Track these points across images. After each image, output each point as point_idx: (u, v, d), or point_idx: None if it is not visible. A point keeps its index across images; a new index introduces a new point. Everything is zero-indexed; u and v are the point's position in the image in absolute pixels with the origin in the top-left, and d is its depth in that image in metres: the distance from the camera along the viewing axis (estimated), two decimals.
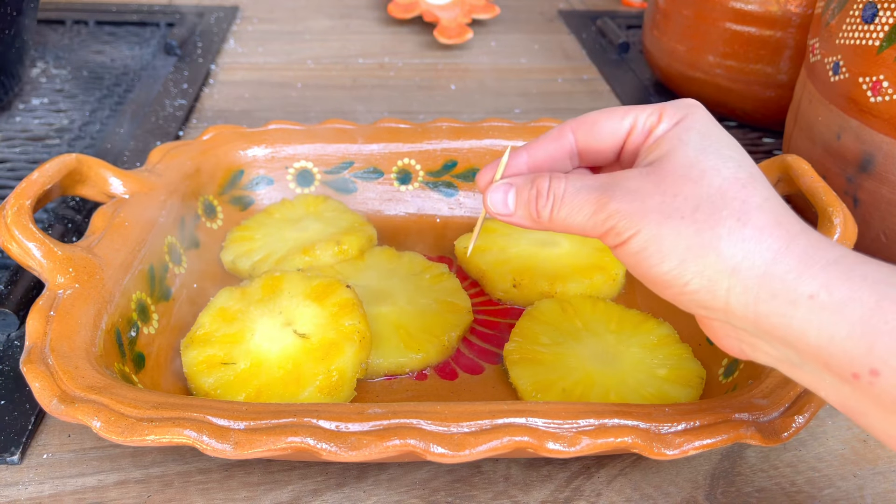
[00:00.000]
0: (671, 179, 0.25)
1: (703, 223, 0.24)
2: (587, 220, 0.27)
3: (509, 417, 0.30)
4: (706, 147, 0.26)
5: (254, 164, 0.51)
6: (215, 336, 0.39)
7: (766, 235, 0.24)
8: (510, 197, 0.29)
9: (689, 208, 0.24)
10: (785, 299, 0.23)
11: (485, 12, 0.89)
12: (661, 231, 0.25)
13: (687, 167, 0.25)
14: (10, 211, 0.35)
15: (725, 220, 0.24)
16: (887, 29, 0.41)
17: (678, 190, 0.25)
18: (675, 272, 0.25)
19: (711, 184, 0.25)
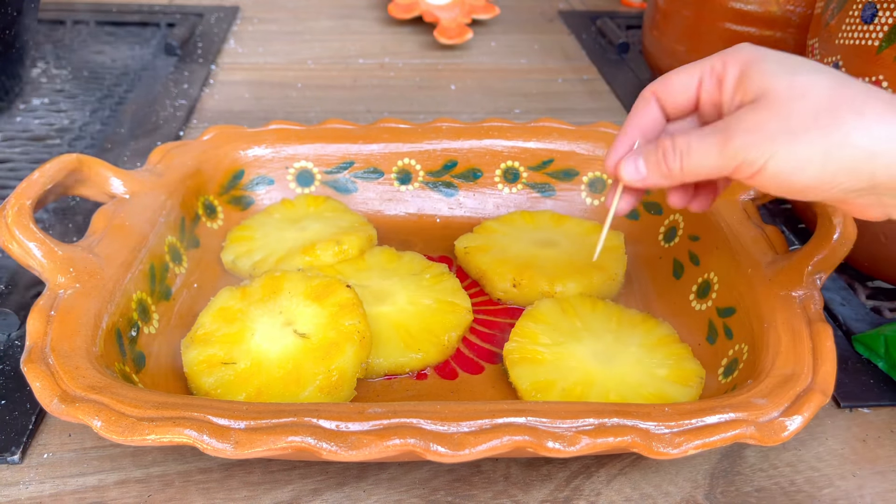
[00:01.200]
0: (780, 104, 0.28)
1: (828, 126, 0.27)
2: (717, 160, 0.29)
3: (509, 417, 0.30)
4: (791, 68, 0.28)
5: (254, 164, 0.51)
6: (216, 336, 0.39)
7: (886, 118, 0.27)
8: (640, 163, 0.32)
9: (810, 119, 0.27)
10: None
11: (485, 12, 0.89)
12: (794, 147, 0.27)
13: (788, 90, 0.28)
14: (10, 211, 0.36)
15: (846, 117, 0.27)
16: (886, 29, 0.41)
17: (791, 110, 0.27)
18: (820, 176, 0.27)
19: (818, 94, 0.27)
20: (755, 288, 0.38)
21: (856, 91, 0.27)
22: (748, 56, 0.30)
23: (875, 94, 0.27)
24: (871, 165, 0.27)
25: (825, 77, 0.28)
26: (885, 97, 0.27)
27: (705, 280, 0.43)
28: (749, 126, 0.28)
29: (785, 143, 0.27)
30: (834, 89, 0.27)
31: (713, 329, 0.41)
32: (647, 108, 0.33)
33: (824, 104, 0.27)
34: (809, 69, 0.28)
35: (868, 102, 0.27)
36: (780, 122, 0.27)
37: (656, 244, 0.49)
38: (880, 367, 0.41)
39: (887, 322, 0.44)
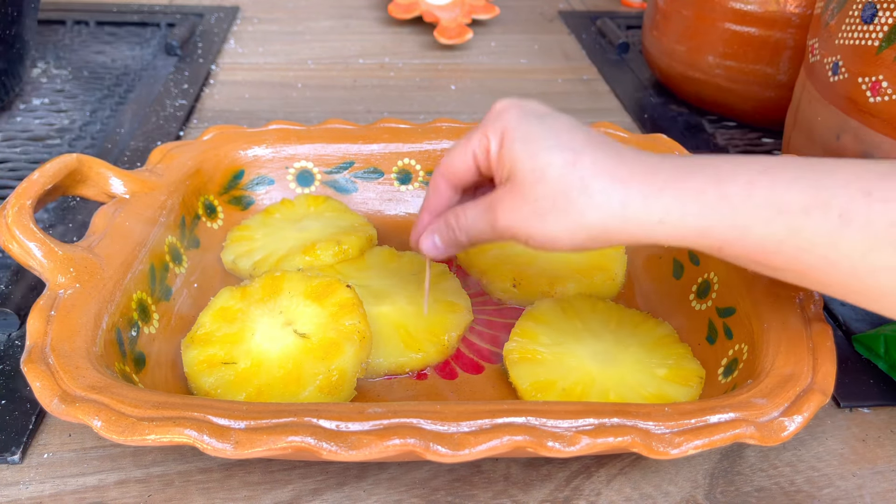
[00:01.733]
0: (526, 189, 0.31)
1: (564, 209, 0.30)
2: (488, 235, 0.34)
3: (509, 417, 0.30)
4: (533, 151, 0.31)
5: (254, 164, 0.51)
6: (216, 336, 0.39)
7: (610, 194, 0.30)
8: (436, 239, 0.37)
9: (550, 203, 0.31)
10: (646, 230, 0.30)
11: (485, 13, 0.89)
12: (544, 227, 0.31)
13: (530, 173, 0.31)
14: (10, 211, 0.36)
15: (577, 199, 0.30)
16: (886, 29, 0.41)
17: (535, 195, 0.31)
18: (572, 243, 0.31)
19: (552, 177, 0.31)
20: (755, 288, 0.38)
21: (584, 168, 0.30)
22: (503, 129, 0.33)
23: (604, 166, 0.30)
24: (606, 234, 0.31)
25: (559, 156, 0.31)
26: (610, 169, 0.30)
27: (705, 280, 0.43)
28: (507, 209, 0.32)
29: (536, 224, 0.31)
30: (565, 170, 0.30)
31: (713, 329, 0.41)
32: (436, 192, 0.37)
33: (559, 188, 0.30)
34: (549, 147, 0.31)
35: (595, 180, 0.30)
36: (529, 206, 0.31)
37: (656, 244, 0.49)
38: (880, 367, 0.41)
39: (887, 322, 0.44)
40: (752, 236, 0.29)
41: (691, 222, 0.30)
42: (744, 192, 0.29)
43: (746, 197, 0.29)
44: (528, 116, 0.33)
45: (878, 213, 0.27)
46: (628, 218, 0.30)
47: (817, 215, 0.28)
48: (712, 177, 0.29)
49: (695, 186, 0.29)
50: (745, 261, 0.30)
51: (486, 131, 0.34)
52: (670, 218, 0.30)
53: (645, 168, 0.30)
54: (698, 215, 0.29)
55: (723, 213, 0.29)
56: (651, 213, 0.30)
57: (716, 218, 0.29)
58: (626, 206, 0.30)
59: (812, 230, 0.28)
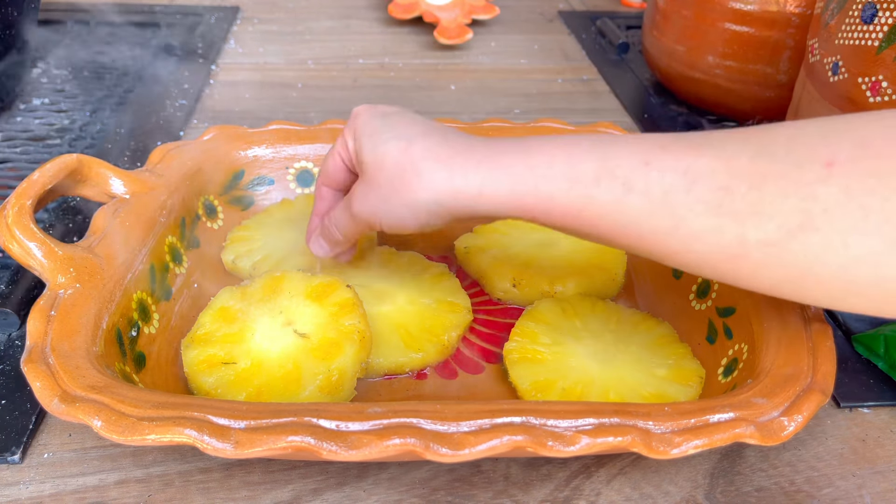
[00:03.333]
0: (371, 177, 0.35)
1: (402, 190, 0.34)
2: (353, 226, 0.38)
3: (509, 417, 0.30)
4: (375, 143, 0.35)
5: (254, 165, 0.51)
6: (216, 336, 0.39)
7: (436, 173, 0.33)
8: (321, 241, 0.41)
9: (390, 188, 0.34)
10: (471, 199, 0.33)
11: (485, 13, 0.89)
12: (389, 210, 0.35)
13: (373, 163, 0.35)
14: (10, 211, 0.36)
15: (411, 181, 0.34)
16: (886, 29, 0.41)
17: (378, 181, 0.35)
18: (417, 223, 0.35)
19: (389, 163, 0.34)
20: None
21: (415, 153, 0.34)
22: (355, 130, 0.37)
23: (431, 150, 0.34)
24: (441, 208, 0.34)
25: (394, 145, 0.34)
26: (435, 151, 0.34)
27: (705, 280, 0.43)
28: (359, 198, 0.36)
29: (383, 208, 0.35)
30: (399, 156, 0.34)
31: (713, 329, 0.41)
32: (321, 198, 0.42)
33: (396, 173, 0.34)
34: (388, 138, 0.35)
35: (423, 162, 0.33)
36: (375, 193, 0.35)
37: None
38: (880, 367, 0.41)
39: (887, 322, 0.44)
40: (557, 205, 0.32)
41: (504, 193, 0.33)
42: (545, 164, 0.32)
43: (547, 168, 0.32)
44: (375, 116, 0.37)
45: (654, 182, 0.30)
46: (455, 190, 0.33)
47: (605, 184, 0.31)
48: (521, 152, 0.33)
49: (505, 162, 0.33)
50: (559, 228, 0.33)
51: (345, 134, 0.38)
52: (487, 190, 0.33)
53: (465, 148, 0.34)
54: (510, 187, 0.32)
55: (528, 184, 0.32)
56: (470, 186, 0.33)
57: (524, 189, 0.32)
58: (451, 182, 0.33)
59: (603, 198, 0.31)
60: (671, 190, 0.30)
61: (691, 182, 0.29)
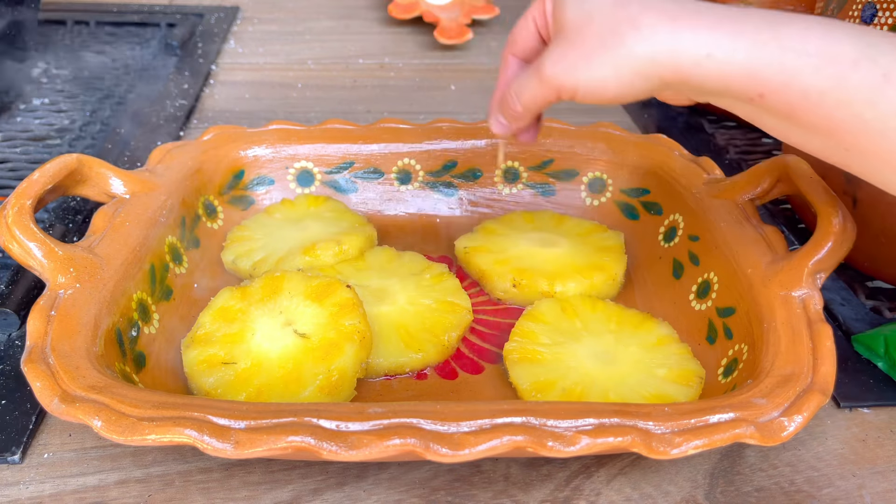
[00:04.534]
0: (574, 34, 0.32)
1: (613, 46, 0.31)
2: (541, 92, 0.34)
3: (509, 417, 0.30)
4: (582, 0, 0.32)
5: (254, 165, 0.51)
6: (216, 336, 0.39)
7: (658, 27, 0.30)
8: (500, 118, 0.39)
9: (598, 43, 0.31)
10: (693, 63, 0.30)
11: (485, 13, 0.89)
12: (591, 70, 0.32)
13: (578, 19, 0.32)
14: (10, 211, 0.36)
15: (626, 34, 0.31)
16: (886, 29, 0.41)
17: (583, 37, 0.32)
18: (619, 86, 0.32)
19: (601, 17, 0.31)
20: (755, 288, 0.38)
21: (633, 6, 0.31)
22: None
23: (653, 4, 0.31)
24: (655, 69, 0.31)
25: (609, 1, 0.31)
26: (659, 6, 0.31)
27: (705, 280, 0.43)
28: (555, 59, 0.33)
29: (584, 68, 0.32)
30: (615, 9, 0.31)
31: (713, 329, 0.41)
32: (505, 66, 0.39)
33: (608, 26, 0.31)
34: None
35: (643, 15, 0.30)
36: (576, 51, 0.32)
37: (656, 244, 0.49)
38: (880, 367, 0.41)
39: (887, 322, 0.44)
40: (798, 84, 0.29)
41: (740, 60, 0.29)
42: (798, 37, 0.29)
43: (800, 42, 0.29)
44: None
45: None
46: (677, 50, 0.30)
47: (864, 70, 0.28)
48: (767, 20, 0.30)
49: (748, 27, 0.30)
50: (781, 114, 0.30)
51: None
52: (719, 53, 0.30)
53: (698, 7, 0.31)
54: (748, 54, 0.29)
55: (773, 54, 0.29)
56: (699, 46, 0.30)
57: (765, 59, 0.29)
58: (675, 39, 0.30)
59: (856, 84, 0.28)
60: None
61: None
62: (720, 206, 0.44)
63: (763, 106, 0.30)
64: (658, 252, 0.48)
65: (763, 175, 0.44)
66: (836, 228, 0.37)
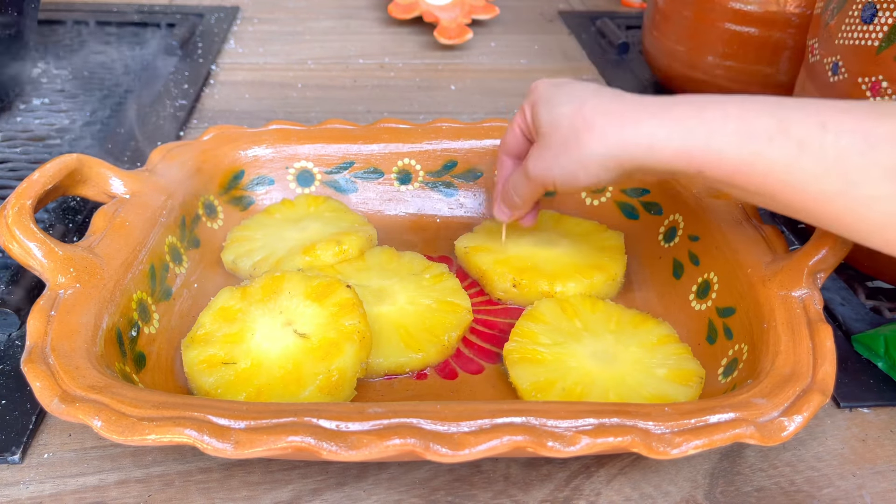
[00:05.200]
0: (546, 139, 0.38)
1: (576, 146, 0.36)
2: (529, 188, 0.40)
3: (509, 417, 0.30)
4: (550, 108, 0.38)
5: (254, 165, 0.51)
6: (216, 336, 0.39)
7: (608, 128, 0.35)
8: (503, 207, 0.45)
9: (563, 146, 0.37)
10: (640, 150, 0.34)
11: (485, 13, 0.89)
12: (563, 167, 0.37)
13: (549, 126, 0.37)
14: (10, 211, 0.36)
15: (583, 136, 0.35)
16: (886, 29, 0.41)
17: (553, 141, 0.37)
18: (588, 178, 0.37)
19: (564, 123, 0.36)
20: (755, 288, 0.38)
21: (587, 110, 0.36)
22: (533, 101, 0.39)
23: (603, 107, 0.35)
24: (613, 161, 0.35)
25: (569, 106, 0.36)
26: (607, 108, 0.35)
27: (705, 280, 0.43)
28: (534, 160, 0.39)
29: (556, 167, 0.37)
30: (573, 116, 0.36)
31: (713, 329, 0.41)
32: (502, 166, 0.44)
33: (570, 130, 0.36)
34: (564, 102, 0.37)
35: (596, 119, 0.35)
36: (549, 153, 0.37)
37: (656, 244, 0.49)
38: (880, 367, 0.41)
39: (887, 322, 0.44)
40: (727, 160, 0.33)
41: (675, 145, 0.34)
42: (719, 119, 0.33)
43: (721, 124, 0.33)
44: (550, 86, 0.39)
45: (829, 144, 0.31)
46: (625, 143, 0.34)
47: (779, 142, 0.32)
48: (694, 107, 0.34)
49: (678, 115, 0.34)
50: (724, 184, 0.34)
51: (524, 106, 0.41)
52: (658, 142, 0.34)
53: (637, 103, 0.35)
54: (680, 139, 0.33)
55: (700, 138, 0.33)
56: (641, 138, 0.34)
57: (695, 142, 0.33)
58: (622, 134, 0.34)
59: (775, 156, 0.32)
60: (846, 153, 0.30)
61: (870, 146, 0.30)
62: (720, 206, 0.44)
63: (707, 179, 0.34)
64: (658, 252, 0.48)
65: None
66: None
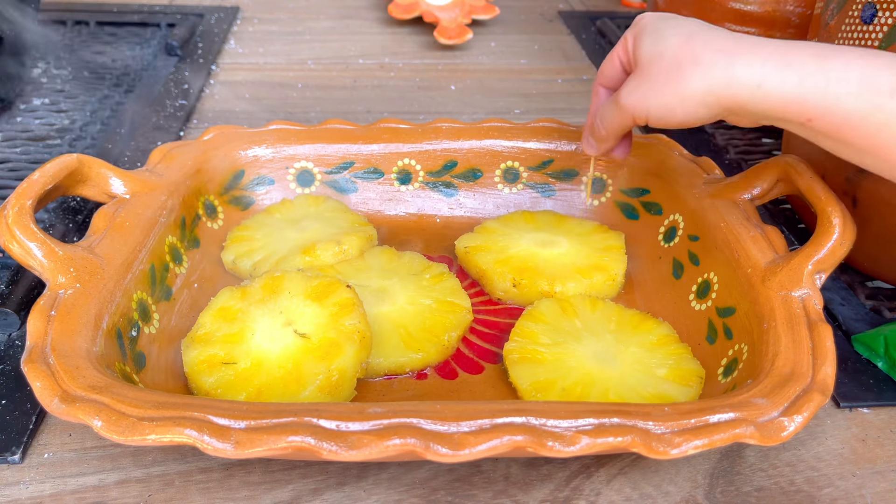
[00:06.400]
0: (646, 69, 0.37)
1: (677, 79, 0.35)
2: (620, 118, 0.40)
3: (509, 417, 0.30)
4: (656, 39, 0.37)
5: (254, 165, 0.51)
6: (216, 336, 0.39)
7: (716, 63, 0.34)
8: (590, 140, 0.44)
9: (665, 76, 0.36)
10: (747, 93, 0.34)
11: (485, 13, 0.89)
12: (659, 99, 0.36)
13: (651, 56, 0.37)
14: (11, 211, 0.36)
15: (687, 69, 0.35)
16: (886, 30, 0.41)
17: (653, 72, 0.37)
18: (685, 113, 0.36)
19: (669, 54, 0.36)
20: (755, 288, 0.38)
21: (696, 44, 0.35)
22: (637, 32, 0.39)
23: (714, 43, 0.35)
24: (715, 98, 0.35)
25: (676, 38, 0.36)
26: (718, 43, 0.35)
27: (705, 280, 0.43)
28: (630, 90, 0.38)
29: (653, 98, 0.37)
30: (680, 47, 0.35)
31: (713, 329, 0.41)
32: (595, 96, 0.44)
33: (674, 62, 0.36)
34: (669, 35, 0.36)
35: (704, 52, 0.35)
36: (648, 83, 0.37)
37: (656, 244, 0.49)
38: (880, 367, 0.41)
39: (887, 322, 0.44)
40: (841, 110, 0.32)
41: (788, 89, 0.33)
42: (840, 68, 0.32)
43: (842, 72, 0.32)
44: (658, 17, 0.39)
45: None
46: (732, 82, 0.34)
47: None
48: (813, 54, 0.33)
49: (796, 59, 0.33)
50: (828, 136, 0.34)
51: (626, 35, 0.40)
52: (769, 83, 0.33)
53: (751, 43, 0.35)
54: (796, 83, 0.33)
55: (818, 84, 0.33)
56: (752, 77, 0.33)
57: (811, 88, 0.33)
58: (730, 72, 0.34)
59: (893, 109, 0.32)
60: None
61: None
62: (720, 206, 0.44)
63: (813, 129, 0.34)
64: (658, 252, 0.48)
65: (763, 175, 0.44)
66: (836, 228, 0.37)
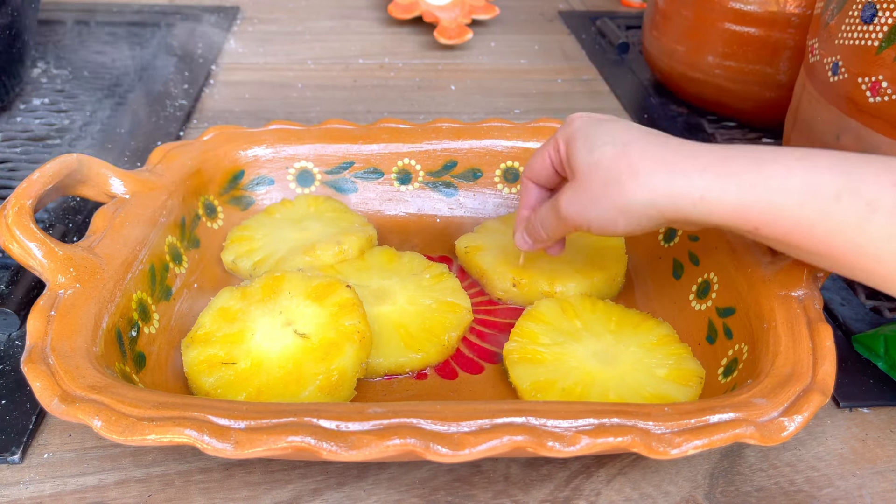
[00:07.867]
0: (584, 181, 0.36)
1: (617, 191, 0.34)
2: (559, 227, 0.38)
3: (509, 417, 0.30)
4: (590, 147, 0.36)
5: (254, 165, 0.51)
6: (216, 336, 0.39)
7: (655, 175, 0.33)
8: (525, 235, 0.42)
9: (603, 189, 0.35)
10: (690, 203, 0.33)
11: (485, 13, 0.89)
12: (600, 212, 0.35)
13: (587, 166, 0.35)
14: (10, 211, 0.36)
15: (626, 182, 0.34)
16: (886, 29, 0.41)
17: (591, 184, 0.35)
18: (627, 225, 0.35)
19: (605, 166, 0.35)
20: (755, 288, 0.38)
21: (633, 154, 0.34)
22: (569, 135, 0.37)
23: (649, 152, 0.34)
24: (657, 210, 0.34)
25: (611, 147, 0.34)
26: (654, 154, 0.34)
27: (705, 280, 0.43)
28: (569, 200, 0.37)
29: (593, 210, 0.35)
30: (616, 158, 0.34)
31: (713, 329, 0.41)
32: (527, 191, 0.42)
33: (611, 174, 0.34)
34: (604, 143, 0.35)
35: (642, 163, 0.33)
36: (586, 194, 0.36)
37: (656, 244, 0.49)
38: (880, 367, 0.41)
39: (887, 322, 0.44)
40: (787, 218, 0.31)
41: (730, 200, 0.32)
42: (781, 174, 0.31)
43: (783, 179, 0.31)
44: (590, 122, 0.37)
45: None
46: (673, 195, 0.33)
47: (847, 201, 0.30)
48: (753, 161, 0.32)
49: (735, 169, 0.32)
50: (779, 243, 0.33)
51: (557, 137, 0.38)
52: (710, 195, 0.32)
53: (689, 153, 0.33)
54: (737, 194, 0.32)
55: (760, 193, 0.31)
56: (693, 189, 0.32)
57: (753, 198, 0.31)
58: (670, 185, 0.33)
59: (841, 215, 0.30)
60: None
61: None
62: None
63: (763, 236, 0.33)
64: (658, 252, 0.48)
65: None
66: None
